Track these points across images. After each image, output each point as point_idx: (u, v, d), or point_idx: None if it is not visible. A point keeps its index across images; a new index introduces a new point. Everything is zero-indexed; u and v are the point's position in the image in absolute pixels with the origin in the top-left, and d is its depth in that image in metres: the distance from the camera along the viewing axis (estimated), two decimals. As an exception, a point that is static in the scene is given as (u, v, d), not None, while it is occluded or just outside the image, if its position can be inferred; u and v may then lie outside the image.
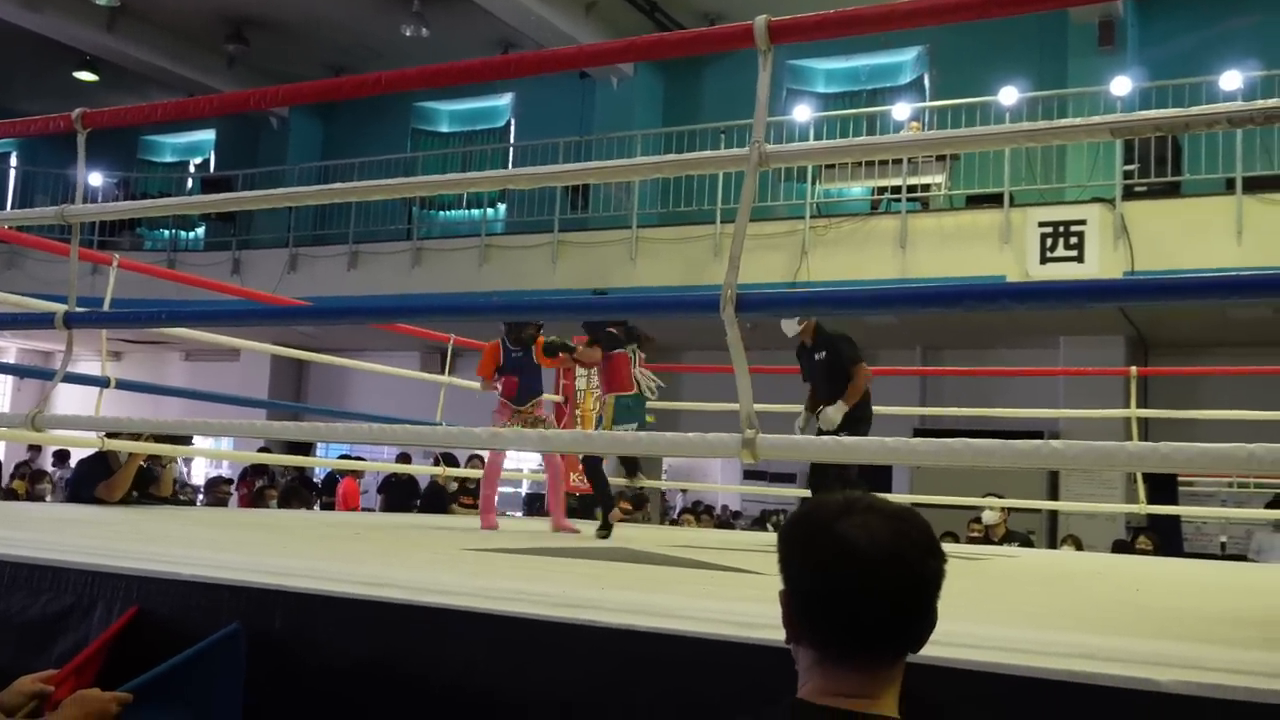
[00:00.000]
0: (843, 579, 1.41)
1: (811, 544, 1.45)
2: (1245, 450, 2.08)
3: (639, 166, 2.80)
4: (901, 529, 1.42)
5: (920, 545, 1.43)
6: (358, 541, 4.23)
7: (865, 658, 1.42)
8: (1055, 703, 1.76)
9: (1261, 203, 9.70)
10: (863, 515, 1.43)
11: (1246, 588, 4.57)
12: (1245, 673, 1.78)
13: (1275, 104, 2.14)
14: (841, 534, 1.41)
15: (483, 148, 16.81)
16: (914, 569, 1.41)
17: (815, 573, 1.44)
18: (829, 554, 1.42)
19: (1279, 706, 1.63)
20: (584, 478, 8.41)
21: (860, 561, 1.40)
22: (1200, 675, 1.74)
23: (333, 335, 14.90)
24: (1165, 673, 1.76)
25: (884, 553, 1.40)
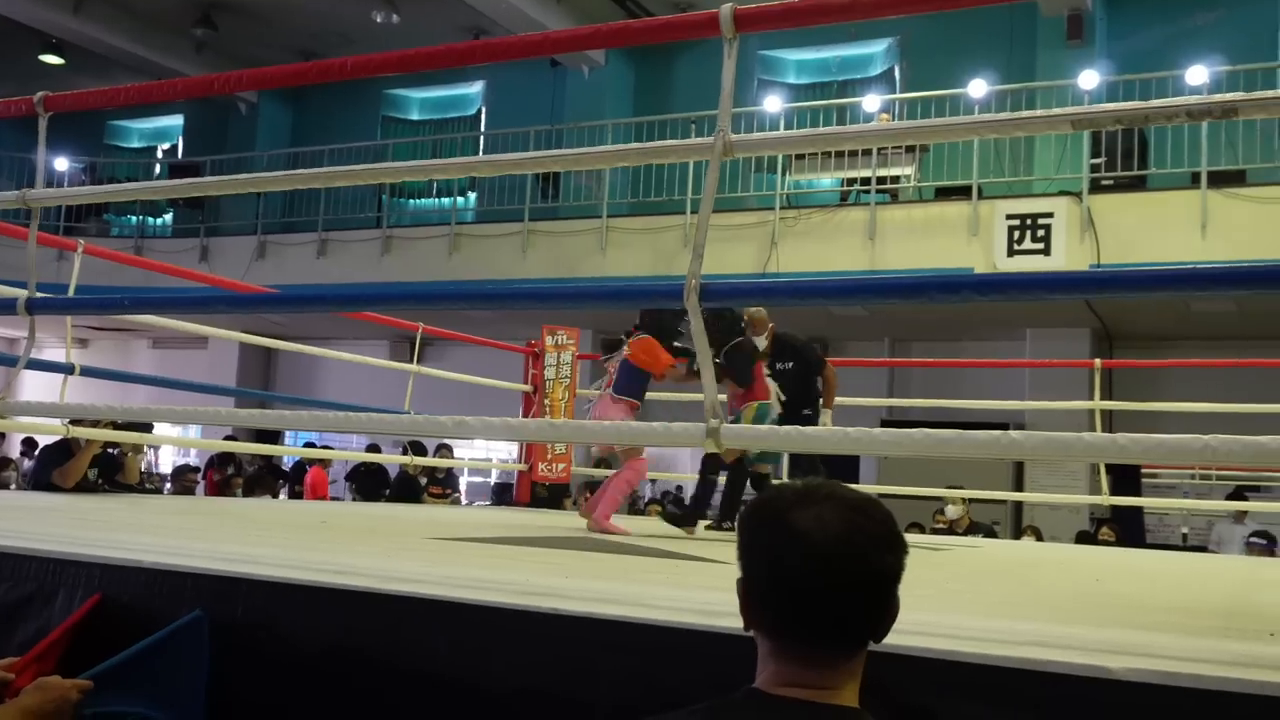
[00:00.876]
0: (792, 570, 1.38)
1: (764, 532, 1.43)
2: (1201, 441, 2.11)
3: (604, 154, 2.80)
4: (857, 521, 1.39)
5: (875, 539, 1.39)
6: (323, 530, 4.22)
7: (818, 649, 1.40)
8: (1009, 690, 1.78)
9: (1225, 197, 9.80)
10: (819, 506, 1.39)
11: (1204, 578, 4.62)
12: (1196, 660, 1.81)
13: (1233, 98, 2.17)
14: (793, 524, 1.39)
15: (453, 136, 16.75)
16: (866, 563, 1.38)
17: (767, 561, 1.42)
18: (780, 543, 1.40)
19: (1226, 694, 1.66)
20: (552, 465, 8.42)
21: (810, 553, 1.37)
22: (1152, 663, 1.76)
23: (302, 323, 14.83)
24: (1118, 660, 1.78)
25: (835, 545, 1.36)
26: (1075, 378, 10.48)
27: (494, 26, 14.67)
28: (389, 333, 13.98)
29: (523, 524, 5.70)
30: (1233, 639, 2.23)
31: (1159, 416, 8.51)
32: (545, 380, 8.35)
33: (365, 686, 2.27)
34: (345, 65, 3.02)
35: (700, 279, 2.45)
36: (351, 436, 15.94)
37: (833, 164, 11.96)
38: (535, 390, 8.40)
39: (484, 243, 13.24)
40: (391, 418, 2.93)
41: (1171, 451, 2.17)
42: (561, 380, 8.41)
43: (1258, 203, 9.71)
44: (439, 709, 2.19)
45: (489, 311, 12.57)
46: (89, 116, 17.95)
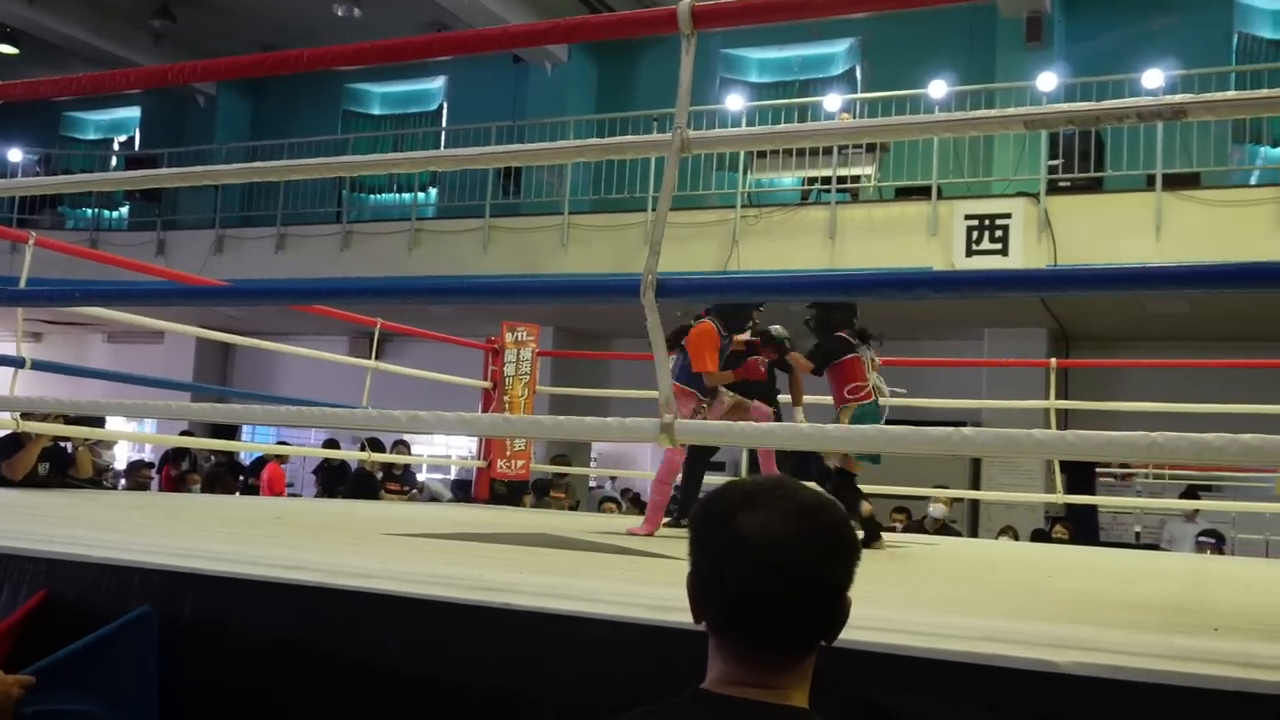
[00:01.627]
0: (735, 574, 1.36)
1: (710, 532, 1.40)
2: (1149, 438, 2.14)
3: (563, 150, 2.80)
4: (803, 527, 1.35)
5: (820, 546, 1.35)
6: (277, 526, 4.19)
7: (763, 651, 1.38)
8: (958, 683, 1.80)
9: (1180, 199, 9.92)
10: (767, 508, 1.36)
11: (1154, 575, 4.68)
12: (1141, 655, 1.83)
13: (1181, 99, 2.19)
14: (739, 526, 1.36)
15: (414, 131, 16.67)
16: (806, 571, 1.34)
17: (710, 562, 1.40)
18: (724, 545, 1.37)
19: (1169, 687, 1.68)
20: (511, 462, 8.40)
21: (750, 557, 1.34)
22: (1097, 657, 1.78)
23: (259, 319, 14.69)
24: (1064, 654, 1.80)
25: (779, 552, 1.33)
26: (1032, 377, 10.60)
27: (456, 21, 14.60)
28: (348, 329, 13.89)
29: (480, 521, 5.68)
30: (1178, 634, 2.26)
31: (1113, 416, 8.61)
32: (505, 377, 8.32)
33: (316, 682, 2.25)
34: (302, 57, 2.99)
35: (657, 275, 2.46)
36: (310, 433, 15.86)
37: (794, 163, 12.01)
38: (495, 387, 8.38)
39: (445, 238, 13.19)
40: (345, 412, 2.91)
41: (1119, 448, 2.19)
42: (521, 377, 8.39)
43: (1211, 205, 9.84)
44: (390, 704, 2.18)
45: (449, 308, 12.52)
46: (44, 108, 17.72)
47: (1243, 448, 2.08)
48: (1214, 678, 1.68)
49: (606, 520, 7.44)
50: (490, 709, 2.09)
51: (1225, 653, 1.91)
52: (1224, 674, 1.68)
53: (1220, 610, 3.04)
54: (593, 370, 13.70)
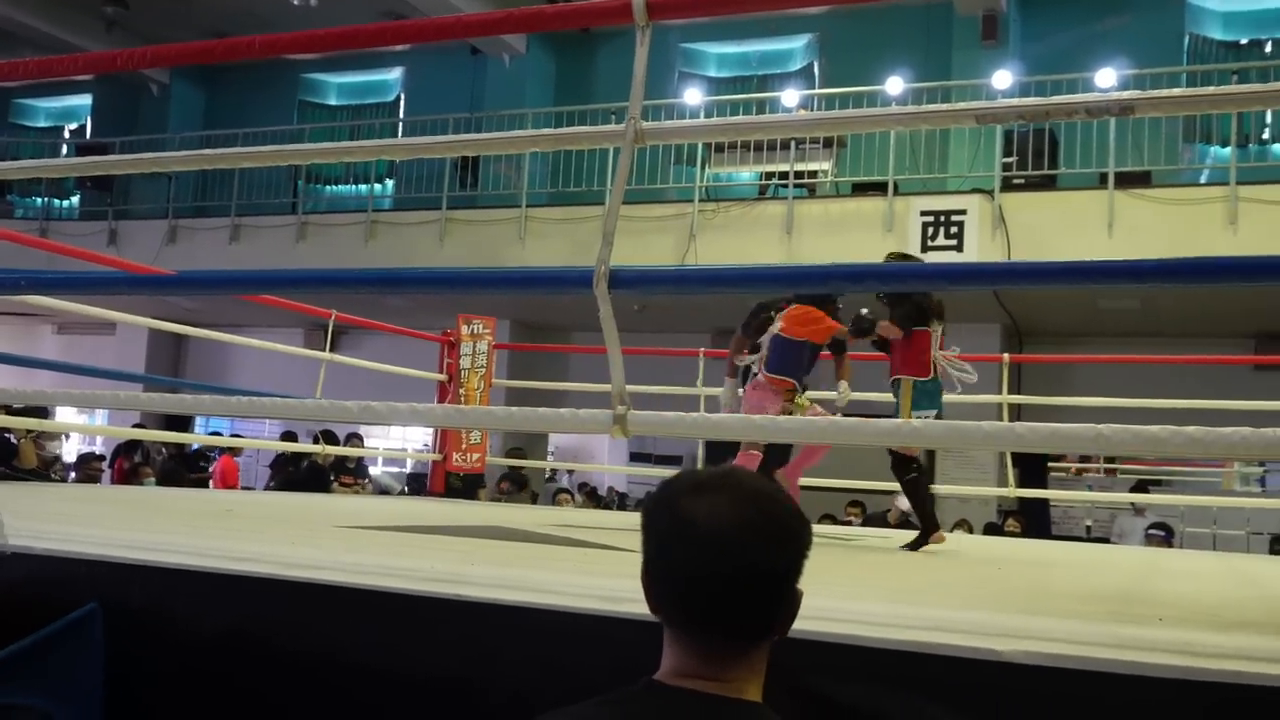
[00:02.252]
0: (679, 561, 1.36)
1: (658, 518, 1.40)
2: (1094, 430, 2.16)
3: (517, 140, 2.79)
4: (748, 515, 1.35)
5: (765, 533, 1.35)
6: (228, 518, 4.15)
7: (711, 641, 1.37)
8: (903, 672, 1.81)
9: (1131, 197, 10.05)
10: (714, 495, 1.36)
11: (1103, 566, 4.75)
12: (1085, 643, 1.86)
13: (1129, 96, 2.22)
14: (684, 512, 1.36)
15: (371, 121, 16.56)
16: (754, 559, 1.34)
17: (657, 548, 1.39)
18: (668, 531, 1.37)
19: (1110, 675, 1.70)
20: (466, 455, 8.37)
21: (695, 543, 1.34)
22: (1041, 645, 1.81)
23: (214, 310, 14.56)
24: (1008, 643, 1.82)
25: (722, 539, 1.33)
26: (985, 372, 10.61)
27: (413, 12, 14.51)
28: (304, 321, 13.78)
29: (434, 514, 5.66)
30: (1123, 623, 2.29)
31: (1064, 410, 8.70)
32: (461, 370, 8.29)
33: (266, 675, 2.23)
34: (253, 44, 2.96)
35: (609, 266, 2.46)
36: (265, 427, 15.72)
37: (751, 158, 12.04)
38: (450, 380, 8.34)
39: (401, 230, 13.11)
40: (296, 402, 2.88)
41: (1066, 440, 2.21)
42: (477, 370, 8.36)
43: (1162, 203, 9.98)
44: (340, 695, 2.16)
45: (406, 300, 12.45)
46: (-7, 94, 17.45)
47: (1186, 439, 2.11)
48: (1155, 666, 1.70)
49: (560, 513, 7.44)
50: (440, 699, 2.08)
51: (1168, 642, 1.94)
52: (1165, 662, 1.70)
53: (1166, 601, 3.09)
54: (551, 364, 13.69)
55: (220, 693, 2.26)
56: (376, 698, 2.14)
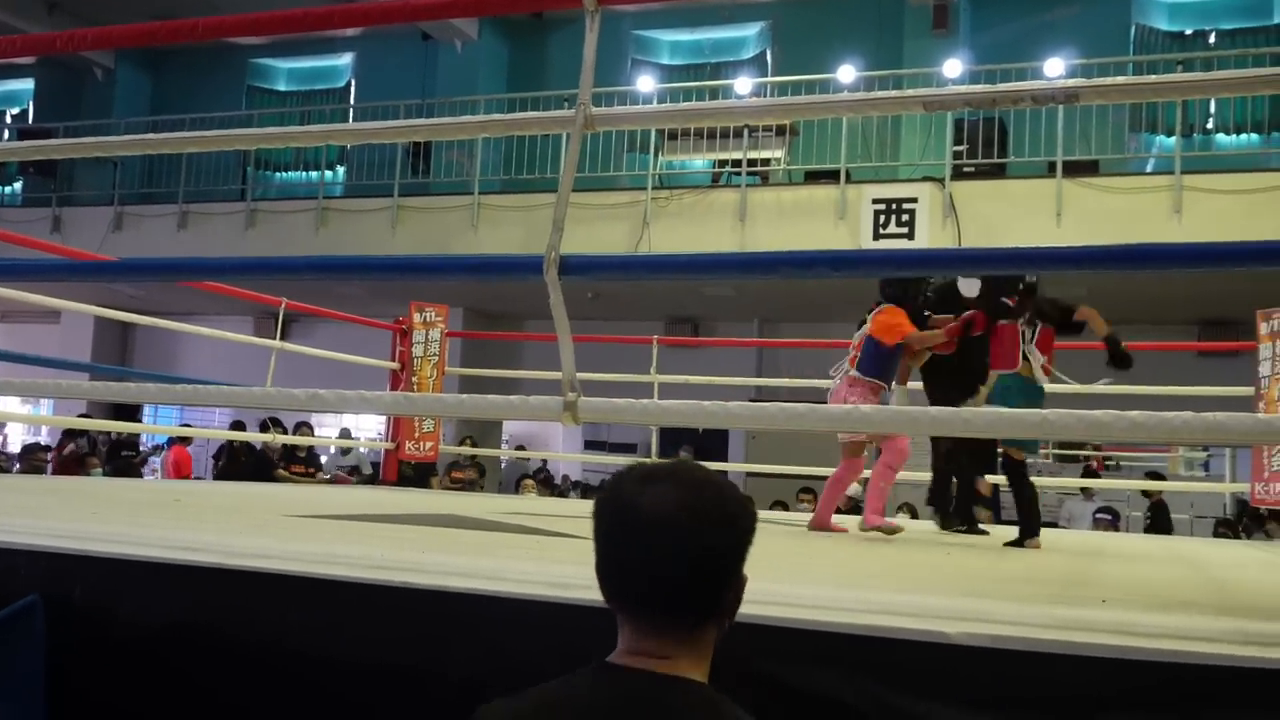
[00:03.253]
0: (623, 544, 1.42)
1: (605, 507, 1.45)
2: (1039, 414, 2.19)
3: (466, 125, 2.77)
4: (687, 499, 1.39)
5: (704, 515, 1.40)
6: (175, 508, 4.10)
7: (655, 621, 1.42)
8: (853, 655, 1.83)
9: (1079, 186, 10.17)
10: (660, 483, 1.41)
11: (1050, 550, 4.80)
12: (1030, 625, 1.88)
13: (1074, 83, 2.24)
14: (628, 497, 1.41)
15: (321, 107, 16.38)
16: (690, 538, 1.38)
17: (604, 532, 1.44)
18: (615, 518, 1.43)
19: (1053, 655, 1.73)
20: (420, 444, 8.33)
21: (639, 528, 1.39)
22: (986, 627, 1.83)
23: (161, 298, 14.37)
24: (955, 625, 1.84)
25: (663, 521, 1.38)
26: (936, 359, 10.76)
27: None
28: (253, 309, 13.64)
29: (386, 503, 5.63)
30: (1067, 605, 2.32)
31: (1014, 397, 8.78)
32: (413, 358, 8.24)
33: (213, 665, 2.21)
34: (197, 26, 2.92)
35: (559, 252, 2.45)
36: (215, 416, 15.54)
37: (704, 145, 12.06)
38: (403, 368, 8.29)
39: (353, 218, 13.00)
40: (244, 390, 2.85)
41: (1013, 424, 2.24)
42: (430, 358, 8.32)
43: (1108, 191, 10.11)
44: (287, 684, 2.15)
45: (357, 288, 12.36)
46: (-68, 78, 17.09)
47: (1129, 424, 2.14)
48: (1094, 645, 1.73)
49: (514, 502, 7.43)
50: (390, 687, 2.08)
51: (1108, 623, 1.97)
52: (1104, 642, 1.73)
53: (1110, 584, 3.13)
54: (505, 352, 13.64)
55: (166, 684, 2.24)
56: (325, 686, 2.13)
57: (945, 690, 1.78)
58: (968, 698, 1.77)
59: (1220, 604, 2.56)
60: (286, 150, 15.69)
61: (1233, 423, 2.12)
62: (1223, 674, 1.67)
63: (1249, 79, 2.20)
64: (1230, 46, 12.67)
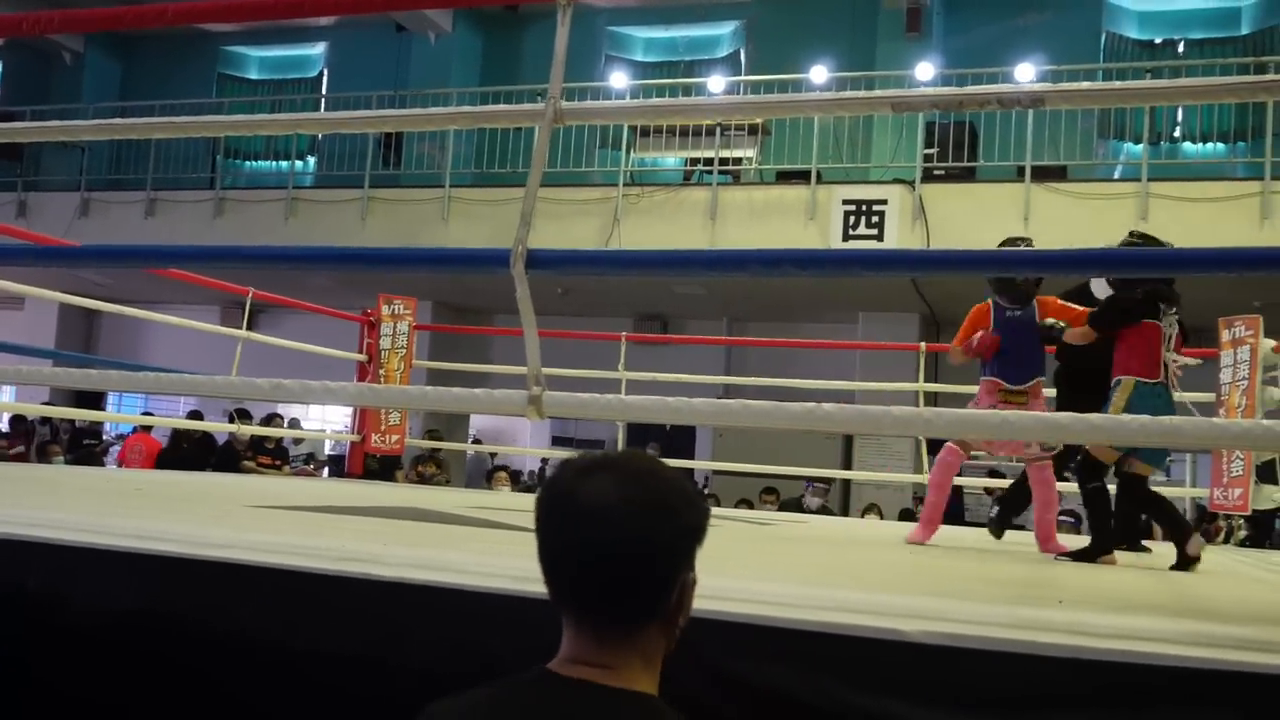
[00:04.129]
0: (560, 536, 1.36)
1: (543, 495, 1.40)
2: (1000, 416, 2.22)
3: (435, 116, 2.76)
4: (628, 492, 1.33)
5: (645, 509, 1.33)
6: (136, 497, 4.07)
7: (597, 622, 1.36)
8: (809, 652, 1.84)
9: (1047, 190, 10.26)
10: (601, 473, 1.35)
11: (1011, 551, 4.84)
12: (987, 624, 1.89)
13: (1040, 88, 2.27)
14: (567, 489, 1.35)
15: (293, 97, 16.29)
16: (628, 531, 1.32)
17: (545, 526, 1.39)
18: (551, 507, 1.37)
19: (1009, 654, 1.75)
20: (386, 436, 8.30)
21: (576, 519, 1.33)
22: (944, 626, 1.84)
23: (127, 286, 14.23)
24: (912, 623, 1.85)
25: (599, 512, 1.32)
26: (904, 360, 10.85)
27: (338, -14, 14.27)
28: (220, 298, 13.55)
29: (350, 495, 5.60)
30: (1025, 605, 2.34)
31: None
32: (381, 350, 8.21)
33: (169, 656, 2.20)
34: (166, 12, 2.89)
35: (527, 246, 2.45)
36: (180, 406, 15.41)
37: (676, 143, 12.07)
38: (370, 360, 8.26)
39: (322, 208, 12.93)
40: (207, 379, 2.83)
41: (973, 425, 2.26)
42: (398, 350, 8.29)
43: (1076, 197, 10.20)
44: (245, 676, 2.14)
45: (326, 279, 12.30)
46: (-104, 60, 16.85)
47: (1088, 426, 2.17)
48: (1051, 645, 1.75)
49: (478, 496, 7.42)
50: (349, 679, 2.07)
51: (1064, 623, 1.99)
52: (1059, 641, 1.75)
53: (1068, 585, 3.16)
54: (474, 347, 13.62)
55: (121, 674, 2.22)
56: (284, 677, 2.12)
57: (902, 688, 1.80)
58: (924, 695, 1.78)
59: (1176, 606, 2.59)
60: (256, 139, 15.59)
61: (1189, 427, 2.14)
62: (1176, 674, 1.70)
63: (1211, 87, 2.23)
64: (1199, 56, 12.81)
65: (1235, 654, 1.73)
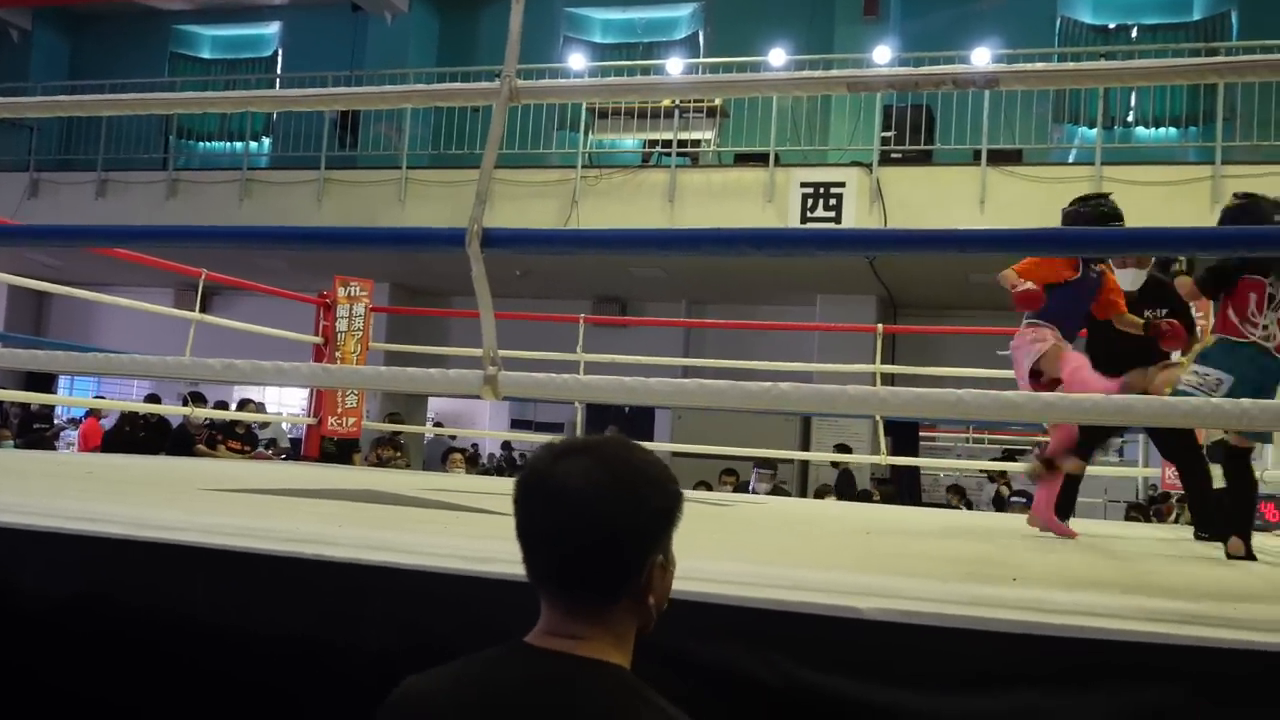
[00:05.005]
0: (534, 517, 1.40)
1: (521, 479, 1.44)
2: (955, 395, 2.22)
3: (390, 95, 2.73)
4: (600, 475, 1.38)
5: (612, 490, 1.37)
6: (87, 480, 4.01)
7: (567, 599, 1.40)
8: (765, 630, 1.84)
9: (1002, 174, 10.32)
10: (576, 457, 1.39)
11: (966, 532, 4.88)
12: (941, 601, 1.91)
13: (995, 69, 2.27)
14: (541, 470, 1.40)
15: (246, 77, 16.05)
16: (594, 513, 1.36)
17: (522, 508, 1.43)
18: (529, 491, 1.41)
19: (963, 630, 1.76)
20: (342, 419, 8.24)
21: (548, 500, 1.38)
22: (899, 604, 1.85)
23: (78, 268, 14.01)
24: (869, 601, 1.87)
25: (570, 493, 1.36)
26: (861, 342, 10.90)
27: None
28: (174, 280, 13.37)
29: (306, 478, 5.56)
30: (979, 583, 2.36)
31: (935, 379, 8.92)
32: (337, 332, 8.14)
33: (120, 639, 2.17)
34: (112, -13, 2.84)
35: (483, 225, 2.43)
36: (133, 389, 15.24)
37: (635, 125, 12.03)
38: (326, 343, 8.19)
39: (277, 190, 12.77)
40: (158, 360, 2.79)
41: (929, 405, 2.27)
42: (354, 332, 8.22)
43: (1031, 180, 10.27)
44: (198, 656, 2.11)
45: (282, 261, 12.18)
46: None
47: (1042, 405, 2.19)
48: (1005, 621, 1.76)
49: (437, 479, 7.38)
50: (302, 660, 2.05)
51: (1018, 600, 2.01)
52: (1012, 618, 1.76)
53: (1021, 563, 3.19)
54: (431, 329, 13.54)
55: (70, 658, 2.19)
56: (237, 660, 2.10)
57: (859, 665, 1.81)
58: (881, 673, 1.79)
59: (1126, 583, 2.63)
60: (210, 119, 15.38)
61: (1141, 405, 2.16)
62: (1124, 649, 1.72)
63: (1162, 69, 2.24)
64: (1151, 41, 12.93)
65: (1183, 629, 1.75)
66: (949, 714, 1.73)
